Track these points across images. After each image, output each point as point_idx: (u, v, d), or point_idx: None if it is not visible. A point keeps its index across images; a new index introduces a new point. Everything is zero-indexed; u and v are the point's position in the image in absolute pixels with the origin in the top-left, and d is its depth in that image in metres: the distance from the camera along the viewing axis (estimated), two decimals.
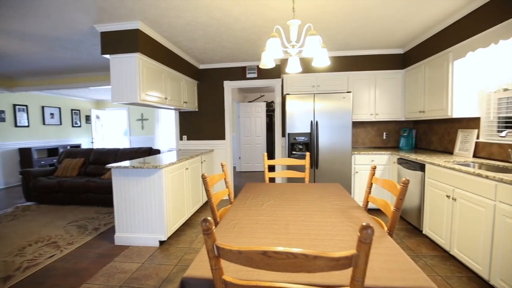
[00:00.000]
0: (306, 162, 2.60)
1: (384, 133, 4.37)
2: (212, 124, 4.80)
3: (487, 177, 1.96)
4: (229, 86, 4.71)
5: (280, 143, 4.56)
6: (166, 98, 3.54)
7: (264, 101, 7.56)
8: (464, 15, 2.70)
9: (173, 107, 3.97)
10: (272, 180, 5.53)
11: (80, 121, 8.33)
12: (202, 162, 4.12)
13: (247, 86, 4.74)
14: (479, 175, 2.04)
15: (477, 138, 2.88)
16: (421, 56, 3.52)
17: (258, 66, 4.55)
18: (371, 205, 3.68)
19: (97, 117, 8.54)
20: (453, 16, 2.82)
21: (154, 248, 2.82)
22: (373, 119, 4.05)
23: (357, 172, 3.73)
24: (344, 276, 0.92)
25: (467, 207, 2.18)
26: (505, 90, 2.55)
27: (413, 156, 3.08)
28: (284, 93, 4.13)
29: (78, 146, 8.10)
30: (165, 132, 7.95)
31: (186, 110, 4.60)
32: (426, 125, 3.93)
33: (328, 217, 1.51)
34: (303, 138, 3.74)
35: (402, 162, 3.33)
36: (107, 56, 2.95)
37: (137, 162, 3.06)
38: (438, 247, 2.70)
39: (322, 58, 1.76)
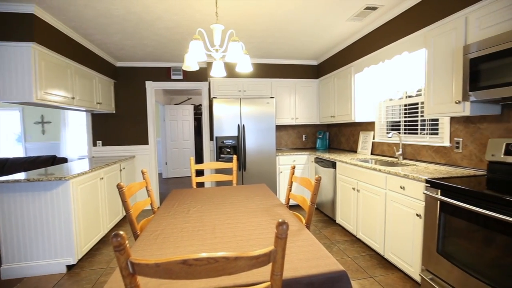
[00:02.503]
0: (234, 165, 2.64)
1: (304, 136, 4.83)
2: (133, 127, 4.39)
3: (380, 170, 2.38)
4: (152, 87, 4.41)
5: (208, 147, 4.50)
6: (73, 98, 3.06)
7: (192, 104, 7.35)
8: (361, 37, 3.23)
9: (83, 109, 3.46)
10: (201, 185, 5.41)
11: None
12: (121, 170, 3.71)
13: (172, 88, 4.52)
14: (374, 169, 2.47)
15: (373, 138, 3.47)
16: (331, 68, 4.04)
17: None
18: (292, 202, 4.00)
19: None
20: (354, 36, 3.35)
21: (59, 276, 2.39)
22: (294, 123, 4.43)
23: (281, 172, 4.01)
24: (268, 272, 0.97)
25: (368, 196, 2.61)
26: (391, 100, 3.16)
27: (326, 156, 3.50)
28: (211, 96, 4.11)
29: None
30: (74, 137, 6.85)
31: (100, 112, 4.07)
32: (337, 128, 4.52)
33: (253, 217, 1.57)
34: (231, 141, 3.79)
35: (318, 161, 3.74)
36: None
37: (36, 173, 2.54)
38: (348, 233, 3.13)
39: (245, 64, 1.83)
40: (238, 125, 3.81)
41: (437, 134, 2.55)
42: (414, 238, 2.02)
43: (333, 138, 4.66)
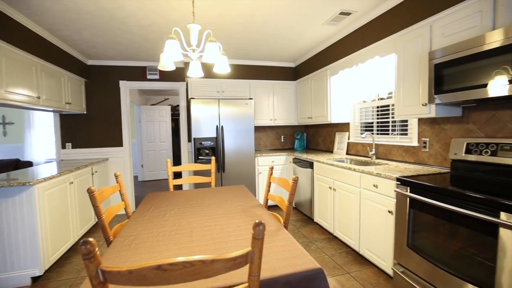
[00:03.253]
0: (212, 166, 2.62)
1: (282, 136, 4.89)
2: (106, 129, 4.20)
3: (354, 170, 2.47)
4: (127, 87, 4.24)
5: (186, 148, 4.42)
6: (39, 98, 2.87)
7: (169, 105, 7.18)
8: (336, 41, 3.34)
9: (51, 109, 3.25)
10: (178, 187, 5.30)
11: None
12: (93, 174, 3.53)
13: (148, 88, 4.39)
14: (349, 168, 2.56)
15: (349, 139, 3.60)
16: (308, 70, 4.13)
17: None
18: (271, 202, 4.03)
19: None
20: (329, 39, 3.45)
21: None
22: (273, 124, 4.47)
23: (260, 172, 4.03)
24: (246, 273, 0.97)
25: (343, 195, 2.69)
26: (364, 102, 3.30)
27: (304, 156, 3.57)
28: (189, 97, 4.04)
29: None
30: (41, 139, 6.41)
31: (70, 112, 3.85)
32: (314, 129, 4.63)
33: (232, 219, 1.56)
34: (209, 142, 3.75)
35: (296, 161, 3.81)
36: None
37: None
38: (326, 231, 3.21)
39: (222, 65, 1.82)
40: (217, 126, 3.78)
41: (406, 134, 2.69)
42: (387, 233, 2.12)
43: (310, 139, 4.77)
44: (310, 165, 3.38)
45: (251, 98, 3.94)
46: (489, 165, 1.82)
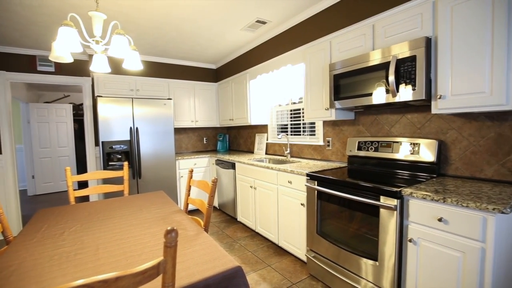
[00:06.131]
0: (125, 172, 2.36)
1: (204, 138, 4.83)
2: None
3: (272, 168, 2.65)
4: (7, 79, 3.40)
5: (93, 154, 3.85)
6: None
7: (71, 103, 6.11)
8: (255, 46, 3.52)
9: None
10: (85, 199, 4.58)
11: None
12: None
13: (39, 82, 3.62)
14: (267, 167, 2.72)
15: (267, 139, 3.83)
16: (229, 73, 4.21)
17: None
18: (192, 207, 3.93)
19: None
20: (248, 45, 3.60)
21: None
22: (194, 126, 4.36)
23: (182, 176, 3.87)
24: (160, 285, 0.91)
25: (263, 192, 2.85)
26: (280, 105, 3.57)
27: (226, 157, 3.61)
28: (96, 95, 3.54)
29: None
30: None
31: None
32: (236, 131, 4.74)
33: (148, 228, 1.45)
34: (121, 146, 3.37)
35: (219, 163, 3.82)
36: None
37: None
38: (249, 229, 3.33)
39: (133, 61, 1.67)
40: (131, 128, 3.43)
41: (314, 135, 3.05)
42: (300, 224, 2.35)
43: (233, 140, 4.86)
44: (232, 166, 3.45)
45: (170, 98, 3.74)
46: (374, 159, 2.24)
